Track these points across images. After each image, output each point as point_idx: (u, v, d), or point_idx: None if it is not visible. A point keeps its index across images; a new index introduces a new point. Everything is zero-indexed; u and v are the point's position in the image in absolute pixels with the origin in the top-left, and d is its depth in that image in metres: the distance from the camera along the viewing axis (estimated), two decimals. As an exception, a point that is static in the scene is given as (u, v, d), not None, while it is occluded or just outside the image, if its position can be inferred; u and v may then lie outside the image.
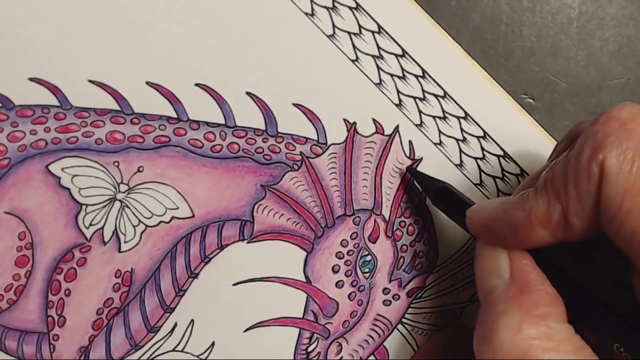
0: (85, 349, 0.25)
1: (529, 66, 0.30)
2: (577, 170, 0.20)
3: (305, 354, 0.28)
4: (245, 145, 0.27)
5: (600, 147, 0.19)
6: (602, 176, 0.19)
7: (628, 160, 0.19)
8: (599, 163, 0.19)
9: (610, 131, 0.20)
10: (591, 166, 0.19)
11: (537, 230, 0.21)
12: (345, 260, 0.28)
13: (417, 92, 0.28)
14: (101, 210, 0.25)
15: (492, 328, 0.20)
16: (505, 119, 0.29)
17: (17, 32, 0.24)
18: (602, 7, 0.30)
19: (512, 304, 0.21)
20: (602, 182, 0.19)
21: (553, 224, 0.21)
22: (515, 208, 0.22)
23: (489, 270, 0.23)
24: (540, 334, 0.20)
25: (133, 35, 0.25)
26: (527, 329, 0.20)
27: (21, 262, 0.24)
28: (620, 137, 0.19)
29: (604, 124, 0.20)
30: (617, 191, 0.19)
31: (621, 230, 0.19)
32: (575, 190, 0.20)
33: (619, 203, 0.19)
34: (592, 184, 0.19)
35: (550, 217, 0.21)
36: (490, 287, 0.22)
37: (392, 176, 0.29)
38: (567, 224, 0.21)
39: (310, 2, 0.26)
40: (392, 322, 0.29)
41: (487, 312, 0.21)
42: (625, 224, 0.19)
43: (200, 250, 0.26)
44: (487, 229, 0.23)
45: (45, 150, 0.24)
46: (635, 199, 0.19)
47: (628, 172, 0.19)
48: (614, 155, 0.19)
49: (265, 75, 0.26)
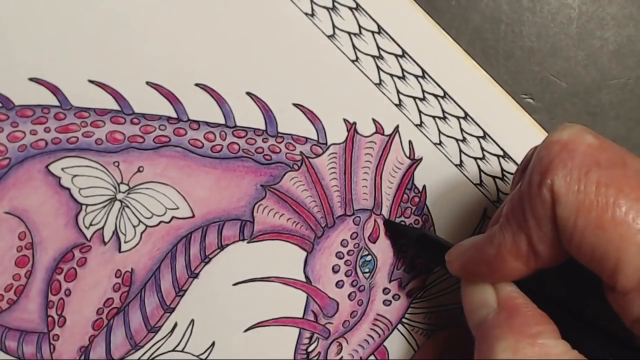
0: (85, 348, 0.25)
1: (529, 66, 0.30)
2: (530, 198, 0.20)
3: (305, 354, 0.28)
4: (246, 145, 0.27)
5: (547, 172, 0.20)
6: (554, 199, 0.20)
7: (574, 179, 0.19)
8: (549, 187, 0.20)
9: (554, 155, 0.20)
10: (542, 191, 0.20)
11: (510, 263, 0.22)
12: (345, 260, 0.28)
13: (417, 92, 0.28)
14: (101, 210, 0.25)
15: (489, 354, 0.21)
16: (505, 119, 0.29)
17: (17, 32, 0.24)
18: (602, 7, 0.30)
19: (505, 328, 0.21)
20: (555, 204, 0.20)
21: (522, 254, 0.21)
22: (485, 246, 0.22)
23: (477, 303, 0.23)
24: (537, 352, 0.20)
25: (133, 35, 0.25)
26: (523, 349, 0.20)
27: (21, 262, 0.24)
28: (564, 158, 0.20)
29: (547, 149, 0.21)
30: (570, 211, 0.19)
31: (581, 248, 0.20)
32: (533, 217, 0.20)
33: (573, 222, 0.19)
34: (546, 208, 0.20)
35: (518, 248, 0.21)
36: (481, 318, 0.23)
37: (392, 176, 0.29)
38: (535, 252, 0.21)
39: (310, 2, 0.26)
40: (392, 322, 0.29)
41: (482, 341, 0.22)
42: (583, 241, 0.19)
43: (200, 250, 0.26)
44: (465, 270, 0.24)
45: (45, 150, 0.24)
46: (588, 215, 0.19)
47: (577, 191, 0.19)
48: (561, 177, 0.20)
49: (265, 75, 0.26)
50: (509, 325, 0.21)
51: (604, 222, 0.19)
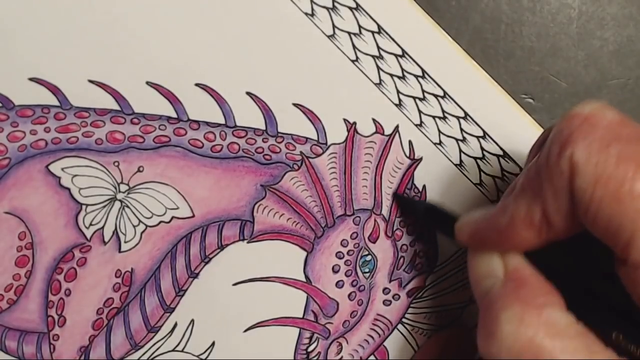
0: (85, 348, 0.25)
1: (529, 66, 0.30)
2: (548, 168, 0.20)
3: (305, 354, 0.28)
4: (246, 145, 0.27)
5: (568, 143, 0.20)
6: (572, 170, 0.20)
7: (594, 151, 0.19)
8: (568, 158, 0.20)
9: (575, 127, 0.20)
10: (561, 162, 0.20)
11: (522, 233, 0.22)
12: (345, 260, 0.28)
13: (417, 92, 0.28)
14: (101, 210, 0.25)
15: (494, 323, 0.21)
16: (505, 119, 0.29)
17: (17, 32, 0.24)
18: (602, 7, 0.30)
19: (511, 298, 0.21)
20: (573, 175, 0.20)
21: (535, 224, 0.21)
22: (498, 215, 0.22)
23: (483, 273, 0.23)
24: (542, 323, 0.20)
25: (133, 35, 0.25)
26: (529, 319, 0.20)
27: (21, 262, 0.24)
28: (584, 130, 0.20)
29: (568, 121, 0.21)
30: (588, 182, 0.19)
31: (596, 220, 0.20)
32: (550, 188, 0.20)
33: (590, 193, 0.19)
34: (564, 179, 0.20)
35: (532, 218, 0.21)
36: (486, 288, 0.22)
37: (392, 176, 0.29)
38: (549, 222, 0.21)
39: (310, 2, 0.26)
40: (392, 322, 0.29)
41: (487, 311, 0.22)
42: (599, 213, 0.19)
43: (200, 250, 0.26)
44: (475, 239, 0.24)
45: (45, 150, 0.24)
46: (606, 187, 0.19)
47: (596, 163, 0.19)
48: (581, 148, 0.20)
49: (265, 75, 0.26)
50: (515, 295, 0.21)
51: (622, 194, 0.19)
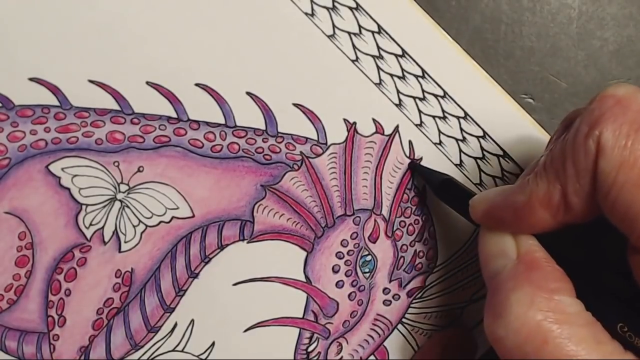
0: (85, 348, 0.25)
1: (529, 66, 0.30)
2: (574, 148, 0.20)
3: (306, 354, 0.28)
4: (246, 145, 0.27)
5: (597, 124, 0.20)
6: (598, 151, 0.19)
7: (623, 134, 0.19)
8: (596, 139, 0.20)
9: (607, 108, 0.20)
10: (588, 142, 0.20)
11: (539, 213, 0.21)
12: (345, 260, 0.28)
13: (417, 92, 0.28)
14: (101, 210, 0.25)
15: (504, 304, 0.20)
16: (505, 119, 0.29)
17: (17, 32, 0.24)
18: (602, 7, 0.30)
19: (522, 280, 0.21)
20: (599, 157, 0.19)
21: (554, 205, 0.21)
22: (516, 193, 0.22)
23: (495, 252, 0.23)
24: (552, 308, 0.20)
25: (133, 35, 0.25)
26: (539, 303, 0.20)
27: (21, 262, 0.24)
28: (615, 113, 0.20)
29: (600, 102, 0.20)
30: (612, 165, 0.19)
31: (616, 205, 0.19)
32: (573, 167, 0.20)
33: (614, 177, 0.19)
34: (589, 160, 0.20)
35: (550, 198, 0.21)
36: (497, 268, 0.22)
37: (392, 176, 0.29)
38: (567, 204, 0.21)
39: (310, 2, 0.26)
40: (392, 322, 0.29)
41: (497, 291, 0.21)
42: (620, 197, 0.19)
43: (200, 250, 0.26)
44: (490, 216, 0.23)
45: (45, 150, 0.24)
46: (630, 172, 0.19)
47: (623, 146, 0.19)
48: (610, 130, 0.19)
49: (265, 75, 0.26)
50: (527, 277, 0.21)
51: None
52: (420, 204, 0.29)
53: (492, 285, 0.22)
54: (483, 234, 0.24)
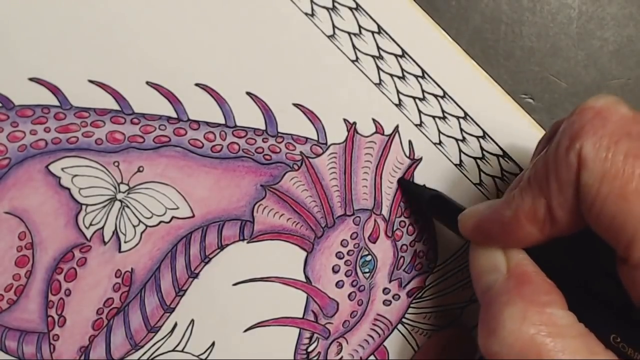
0: (85, 348, 0.25)
1: (529, 66, 0.30)
2: (556, 162, 0.20)
3: (305, 354, 0.28)
4: (246, 145, 0.27)
5: (577, 137, 0.20)
6: (580, 164, 0.20)
7: (604, 147, 0.19)
8: (577, 152, 0.20)
9: (586, 120, 0.20)
10: (569, 155, 0.20)
11: (526, 227, 0.21)
12: (345, 260, 0.28)
13: (417, 92, 0.28)
14: (101, 210, 0.25)
15: (496, 320, 0.20)
16: (505, 119, 0.29)
17: (17, 32, 0.24)
18: (602, 7, 0.30)
19: (514, 295, 0.21)
20: (581, 170, 0.20)
21: (539, 219, 0.21)
22: (503, 207, 0.22)
23: (486, 268, 0.23)
24: (544, 321, 0.20)
25: (133, 35, 0.25)
26: (531, 317, 0.20)
27: (21, 262, 0.24)
28: (595, 125, 0.20)
29: (579, 115, 0.20)
30: (594, 178, 0.19)
31: (600, 217, 0.19)
32: (556, 181, 0.20)
33: (596, 189, 0.19)
34: (571, 173, 0.20)
35: (536, 212, 0.21)
36: (488, 283, 0.22)
37: (392, 176, 0.29)
38: (553, 217, 0.21)
39: (310, 2, 0.26)
40: (392, 322, 0.29)
41: (489, 306, 0.22)
42: (604, 209, 0.19)
43: (200, 250, 0.26)
44: (478, 231, 0.24)
45: (45, 150, 0.24)
46: (612, 184, 0.19)
47: (604, 158, 0.19)
48: (591, 143, 0.19)
49: (265, 75, 0.26)
50: (518, 292, 0.21)
51: (627, 192, 0.19)
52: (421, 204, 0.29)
53: (484, 301, 0.22)
54: (473, 249, 0.24)
